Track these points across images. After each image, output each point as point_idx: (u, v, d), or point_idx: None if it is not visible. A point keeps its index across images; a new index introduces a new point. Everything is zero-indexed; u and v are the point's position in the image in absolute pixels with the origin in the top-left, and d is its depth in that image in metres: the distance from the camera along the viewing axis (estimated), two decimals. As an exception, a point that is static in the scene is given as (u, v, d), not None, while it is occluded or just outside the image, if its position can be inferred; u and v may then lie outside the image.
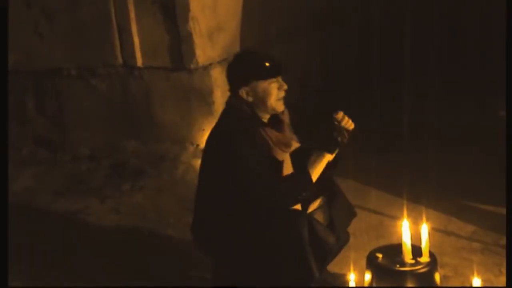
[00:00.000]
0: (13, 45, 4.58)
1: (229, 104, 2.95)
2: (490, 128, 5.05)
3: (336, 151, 2.88)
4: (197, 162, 4.74)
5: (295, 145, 3.05)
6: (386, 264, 3.00)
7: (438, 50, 5.82)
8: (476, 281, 3.04)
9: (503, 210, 2.97)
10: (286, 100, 2.94)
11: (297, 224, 2.79)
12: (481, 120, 5.44)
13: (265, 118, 2.93)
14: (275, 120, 2.96)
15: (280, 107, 2.91)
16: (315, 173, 2.84)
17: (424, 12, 5.97)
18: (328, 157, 2.85)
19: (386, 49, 5.91)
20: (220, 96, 4.77)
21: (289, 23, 5.53)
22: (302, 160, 2.91)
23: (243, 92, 2.85)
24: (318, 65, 5.95)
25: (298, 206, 2.93)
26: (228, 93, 2.96)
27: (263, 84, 2.84)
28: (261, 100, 2.86)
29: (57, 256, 3.76)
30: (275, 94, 2.86)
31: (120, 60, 4.94)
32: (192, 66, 4.78)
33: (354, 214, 3.23)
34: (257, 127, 2.87)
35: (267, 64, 2.84)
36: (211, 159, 2.91)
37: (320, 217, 2.97)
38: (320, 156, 2.85)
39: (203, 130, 4.84)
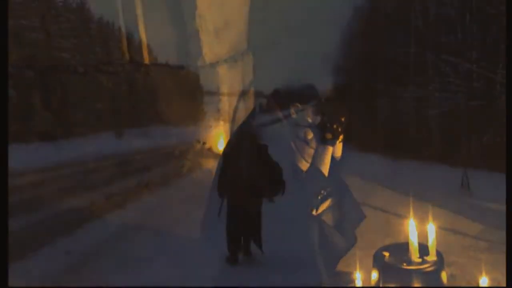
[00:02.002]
0: (20, 41, 4.61)
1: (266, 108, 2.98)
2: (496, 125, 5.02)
3: (338, 140, 2.90)
4: (203, 160, 4.78)
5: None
6: (393, 263, 2.99)
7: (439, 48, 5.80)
8: (484, 280, 3.02)
9: (510, 209, 2.97)
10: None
11: (307, 228, 2.79)
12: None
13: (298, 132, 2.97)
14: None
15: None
16: (325, 167, 2.84)
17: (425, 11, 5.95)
18: (330, 148, 2.88)
19: (390, 47, 5.89)
20: (226, 94, 4.75)
21: (289, 22, 5.51)
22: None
23: (293, 107, 2.89)
24: (320, 61, 5.93)
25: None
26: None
27: (309, 111, 2.90)
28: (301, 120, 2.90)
29: (60, 252, 3.76)
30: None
31: (127, 57, 4.95)
32: (198, 63, 4.78)
33: (363, 217, 3.23)
34: (287, 137, 2.91)
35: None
36: (236, 157, 2.91)
37: (329, 217, 2.97)
38: (323, 149, 2.86)
39: (210, 127, 4.83)
